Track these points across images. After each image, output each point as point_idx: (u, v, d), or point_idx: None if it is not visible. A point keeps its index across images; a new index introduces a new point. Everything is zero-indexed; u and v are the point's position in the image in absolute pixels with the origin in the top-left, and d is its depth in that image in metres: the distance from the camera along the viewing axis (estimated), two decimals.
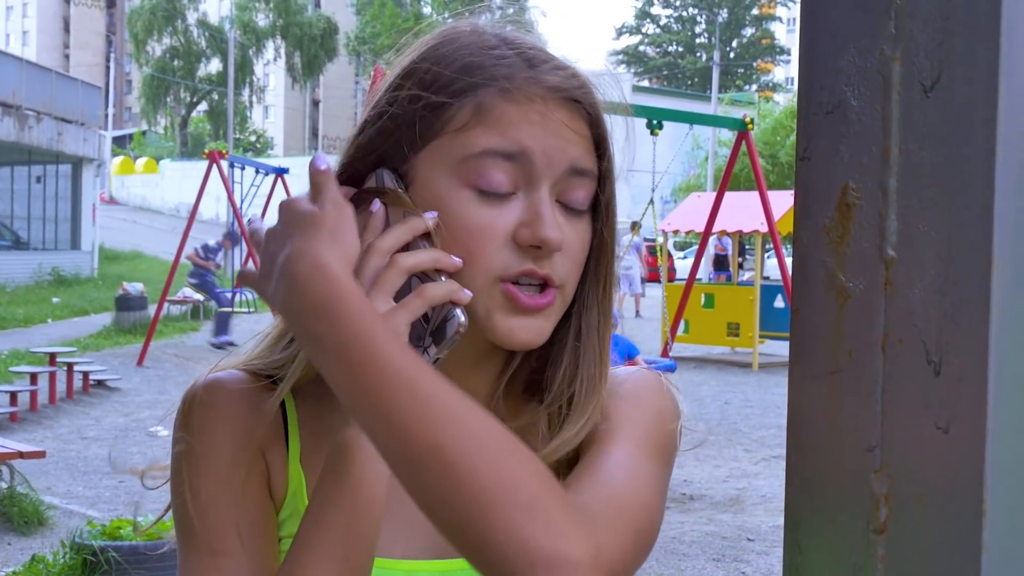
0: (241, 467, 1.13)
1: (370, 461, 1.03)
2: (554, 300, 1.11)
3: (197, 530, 1.12)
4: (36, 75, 32.64)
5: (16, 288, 27.52)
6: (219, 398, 1.16)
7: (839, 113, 0.75)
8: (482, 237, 1.08)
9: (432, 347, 1.06)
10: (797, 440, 0.77)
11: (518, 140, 1.09)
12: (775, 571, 7.07)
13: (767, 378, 16.03)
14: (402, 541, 1.14)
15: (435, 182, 1.10)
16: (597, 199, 1.17)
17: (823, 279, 0.76)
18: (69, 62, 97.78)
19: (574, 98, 1.13)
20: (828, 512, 0.75)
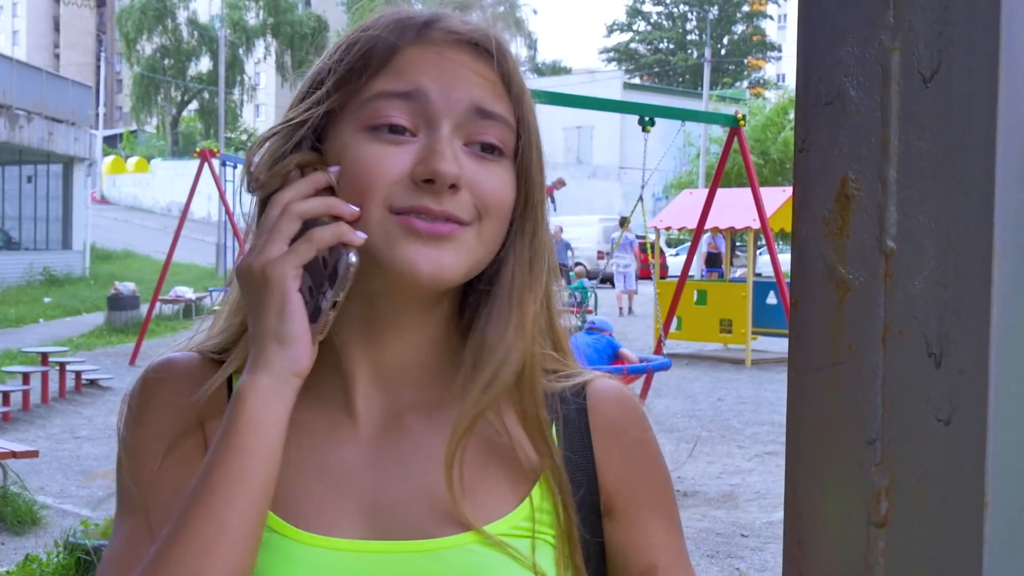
0: (179, 443, 1.15)
1: (260, 407, 1.03)
2: (457, 231, 1.09)
3: (132, 492, 1.14)
4: (26, 75, 32.56)
5: (7, 288, 27.47)
6: (168, 375, 1.19)
7: (838, 104, 0.74)
8: (374, 173, 1.08)
9: (328, 291, 1.07)
10: (797, 434, 0.77)
11: (414, 79, 1.10)
12: (769, 566, 7.07)
13: (760, 374, 16.04)
14: (347, 521, 1.13)
15: (341, 135, 1.12)
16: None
17: (822, 271, 0.75)
18: (59, 62, 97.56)
19: (477, 42, 1.14)
20: (828, 506, 0.75)
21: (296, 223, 1.07)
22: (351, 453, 1.16)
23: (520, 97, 1.16)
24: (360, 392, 1.17)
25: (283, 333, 1.04)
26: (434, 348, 1.18)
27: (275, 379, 1.04)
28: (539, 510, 1.15)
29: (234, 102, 74.68)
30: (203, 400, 1.15)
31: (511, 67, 1.15)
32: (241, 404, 1.03)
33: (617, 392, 1.26)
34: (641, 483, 1.24)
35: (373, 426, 1.17)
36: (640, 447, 1.25)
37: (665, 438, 11.13)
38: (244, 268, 1.07)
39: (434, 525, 1.12)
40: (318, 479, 1.14)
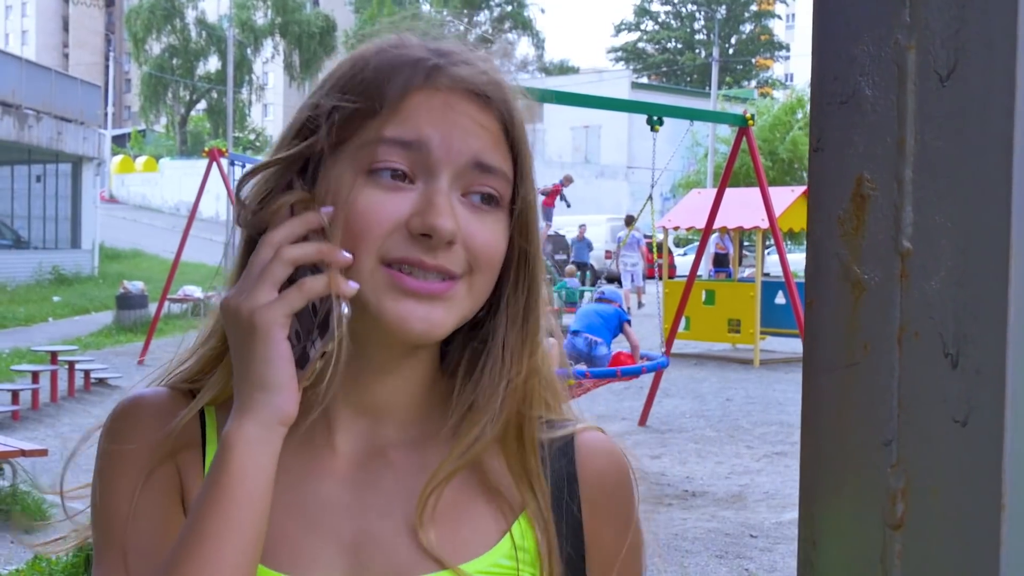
0: (153, 481, 1.13)
1: (248, 456, 1.02)
2: (451, 290, 1.08)
3: (105, 538, 1.13)
4: (35, 74, 32.61)
5: (17, 287, 27.51)
6: (139, 412, 1.17)
7: (853, 103, 0.74)
8: (369, 218, 1.06)
9: (318, 340, 1.05)
10: (811, 434, 0.76)
11: (416, 127, 1.08)
12: (779, 567, 7.06)
13: (768, 374, 16.02)
14: (323, 560, 1.11)
15: (337, 175, 1.09)
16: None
17: (837, 271, 0.75)
18: (68, 61, 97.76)
19: (483, 92, 1.12)
20: (844, 507, 0.74)
21: (288, 269, 1.05)
22: (330, 489, 1.15)
23: (520, 150, 1.14)
24: (342, 429, 1.16)
25: (269, 381, 1.02)
26: (419, 389, 1.18)
27: (262, 427, 1.02)
28: (520, 548, 1.14)
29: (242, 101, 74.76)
30: (174, 433, 1.13)
31: (516, 121, 1.14)
32: (229, 453, 1.02)
33: (608, 452, 1.24)
34: (619, 545, 1.24)
35: (354, 462, 1.16)
36: (624, 510, 1.25)
37: (674, 438, 11.13)
38: (231, 309, 1.05)
39: (413, 563, 1.11)
40: (293, 517, 1.13)
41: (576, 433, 1.23)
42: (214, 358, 1.16)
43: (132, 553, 1.09)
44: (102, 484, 1.15)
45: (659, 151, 11.43)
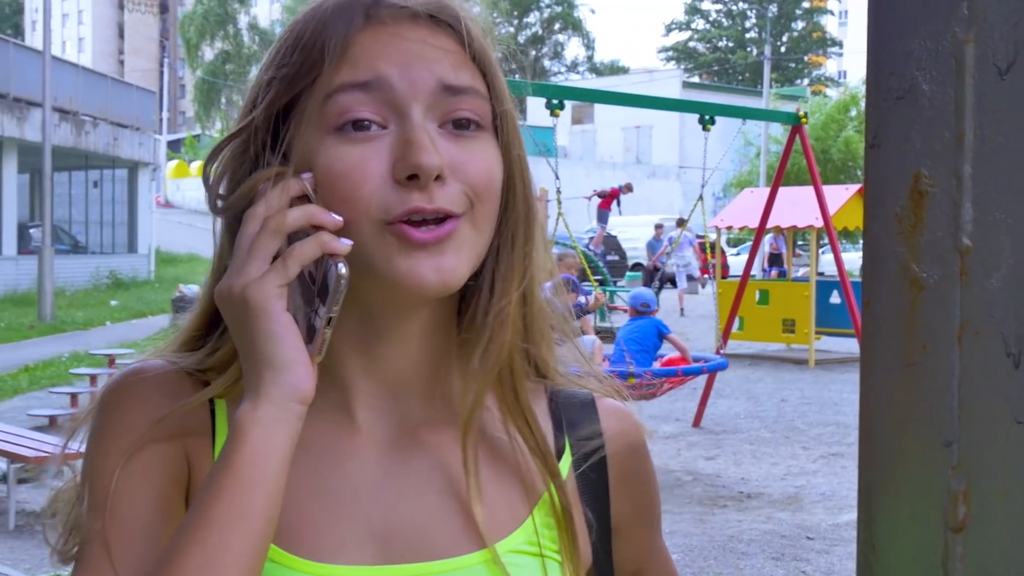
0: (154, 459, 1.05)
1: (261, 439, 0.96)
2: (455, 229, 1.01)
3: (97, 515, 1.04)
4: (92, 81, 33.02)
5: (76, 291, 27.86)
6: (138, 384, 1.10)
7: (910, 98, 0.73)
8: (352, 178, 1.00)
9: (321, 308, 0.99)
10: (870, 436, 0.75)
11: (372, 67, 1.02)
12: (836, 570, 7.00)
13: (824, 375, 15.89)
14: (352, 545, 1.06)
15: (305, 139, 1.03)
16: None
17: (895, 270, 0.73)
18: (124, 68, 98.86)
19: (430, 14, 1.05)
20: (903, 510, 0.73)
21: (277, 240, 0.99)
22: (357, 471, 1.10)
23: (487, 64, 1.07)
24: (362, 407, 1.11)
25: (277, 359, 0.97)
26: (436, 357, 1.12)
27: (276, 407, 0.97)
28: (542, 525, 1.11)
29: None
30: (177, 416, 1.07)
31: (473, 32, 1.06)
32: (241, 435, 0.96)
33: (629, 417, 1.22)
34: (642, 503, 1.23)
35: (383, 443, 1.11)
36: (645, 471, 1.24)
37: (728, 439, 11.07)
38: (223, 291, 0.99)
39: (449, 544, 1.07)
40: (317, 500, 1.08)
41: (596, 398, 1.21)
42: (231, 351, 1.08)
43: (122, 534, 1.02)
44: (96, 456, 1.07)
45: (711, 150, 11.37)
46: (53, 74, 24.02)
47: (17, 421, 11.19)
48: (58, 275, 24.10)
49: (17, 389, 13.99)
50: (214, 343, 1.12)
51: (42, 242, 22.77)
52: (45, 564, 7.12)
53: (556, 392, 1.19)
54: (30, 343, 18.98)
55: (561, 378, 1.20)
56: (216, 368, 1.10)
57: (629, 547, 1.22)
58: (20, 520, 8.01)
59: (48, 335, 20.12)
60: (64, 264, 27.71)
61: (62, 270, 26.31)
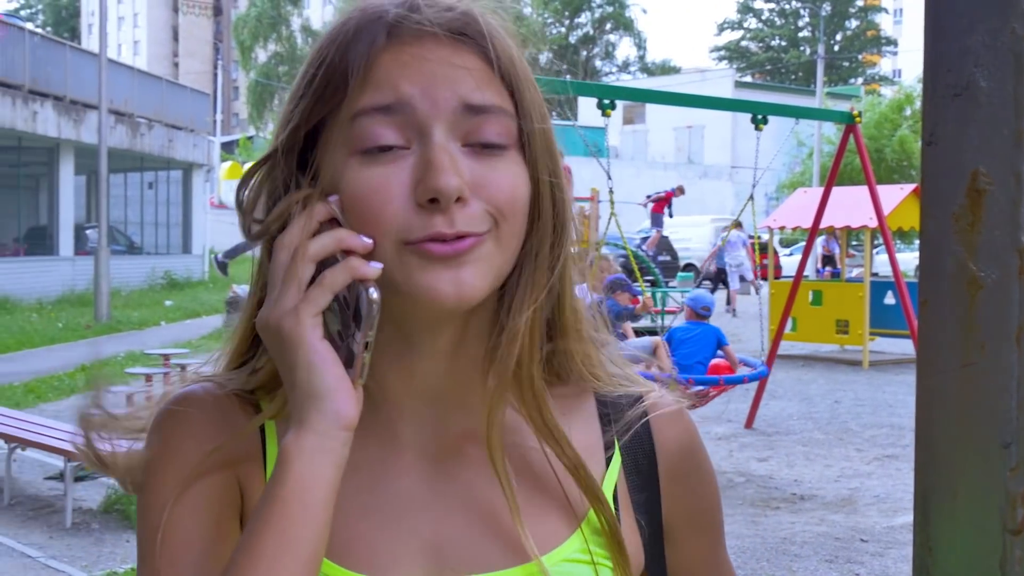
0: (206, 486, 1.07)
1: (307, 469, 0.96)
2: (475, 244, 1.01)
3: (151, 545, 1.05)
4: (147, 84, 33.38)
5: (131, 292, 28.17)
6: (188, 412, 1.11)
7: (968, 95, 0.72)
8: (375, 200, 1.00)
9: (357, 333, 0.99)
10: (926, 437, 0.74)
11: (394, 88, 1.01)
12: (891, 573, 6.94)
13: (878, 376, 15.76)
14: (405, 559, 1.07)
15: (332, 161, 1.03)
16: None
17: (953, 269, 0.72)
18: (178, 70, 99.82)
19: (454, 31, 1.03)
20: (961, 512, 0.72)
21: (309, 267, 1.00)
22: (405, 487, 1.10)
23: (514, 80, 1.05)
24: (406, 424, 1.12)
25: (318, 388, 0.98)
26: (476, 367, 1.10)
27: (320, 436, 0.97)
28: (591, 541, 1.11)
29: None
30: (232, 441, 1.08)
31: (500, 51, 1.05)
32: (286, 465, 0.97)
33: (680, 416, 1.21)
34: (698, 507, 1.22)
35: (428, 458, 1.12)
36: (701, 472, 1.22)
37: (781, 440, 11.00)
38: (263, 322, 1.01)
39: (498, 557, 1.07)
40: (369, 517, 1.08)
41: (644, 396, 1.19)
42: (274, 370, 1.08)
43: (173, 567, 1.03)
44: (148, 487, 1.08)
45: (763, 150, 11.30)
46: (109, 77, 24.29)
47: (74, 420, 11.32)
48: (114, 275, 24.37)
49: (74, 388, 14.16)
50: (256, 362, 1.13)
51: (98, 243, 23.03)
52: (102, 561, 7.20)
53: (604, 393, 1.19)
54: (86, 343, 19.20)
55: (610, 379, 1.19)
56: (263, 387, 1.12)
57: (684, 555, 1.21)
58: (76, 518, 8.10)
59: (104, 335, 20.36)
60: (120, 265, 28.02)
61: (118, 270, 26.60)
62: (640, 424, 1.18)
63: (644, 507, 1.17)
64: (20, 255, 27.50)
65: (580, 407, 1.17)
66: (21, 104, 25.55)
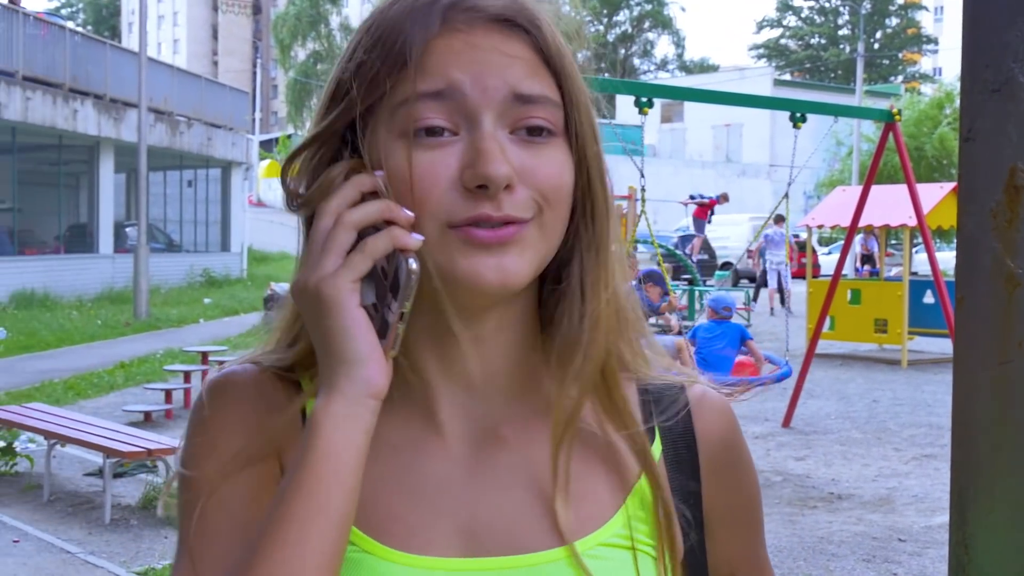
0: (246, 462, 1.08)
1: (336, 434, 0.98)
2: (519, 231, 1.02)
3: (192, 518, 1.07)
4: (186, 82, 33.59)
5: (170, 289, 28.36)
6: (230, 392, 1.13)
7: (1006, 91, 0.71)
8: (422, 183, 1.01)
9: (393, 303, 1.00)
10: (963, 435, 0.74)
11: (445, 75, 1.02)
12: (928, 572, 6.89)
13: (917, 375, 15.65)
14: (440, 538, 1.08)
15: (377, 141, 1.04)
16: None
17: (990, 266, 0.72)
18: (217, 68, 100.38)
19: (506, 18, 1.05)
20: (997, 511, 0.72)
21: (351, 234, 1.00)
22: (443, 469, 1.11)
23: (562, 69, 1.06)
24: (444, 405, 1.12)
25: (351, 353, 0.99)
26: (516, 353, 1.12)
27: (350, 403, 0.99)
28: (635, 519, 1.11)
29: None
30: (275, 425, 1.09)
31: (547, 38, 1.06)
32: (316, 431, 0.98)
33: (723, 407, 1.21)
34: (737, 501, 1.22)
35: (466, 440, 1.12)
36: (741, 465, 1.22)
37: (819, 440, 10.95)
38: (298, 286, 1.01)
39: (534, 539, 1.08)
40: (408, 495, 1.09)
41: (686, 386, 1.20)
42: (310, 345, 1.08)
43: (217, 539, 1.05)
44: (195, 460, 1.10)
45: (802, 149, 11.25)
46: (148, 75, 24.46)
47: (113, 417, 11.43)
48: (153, 273, 24.55)
49: (113, 385, 14.29)
50: (293, 337, 1.14)
51: (138, 241, 23.19)
52: (140, 557, 7.26)
53: (647, 383, 1.19)
54: (126, 340, 19.35)
55: (652, 368, 1.19)
56: (299, 364, 1.13)
57: (724, 548, 1.20)
58: (115, 514, 8.17)
59: (143, 332, 20.51)
60: (159, 262, 28.22)
61: (157, 268, 26.79)
62: (682, 413, 1.18)
63: (684, 496, 1.16)
64: (60, 252, 27.73)
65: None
66: (62, 102, 25.77)
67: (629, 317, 1.16)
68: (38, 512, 8.39)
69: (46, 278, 25.04)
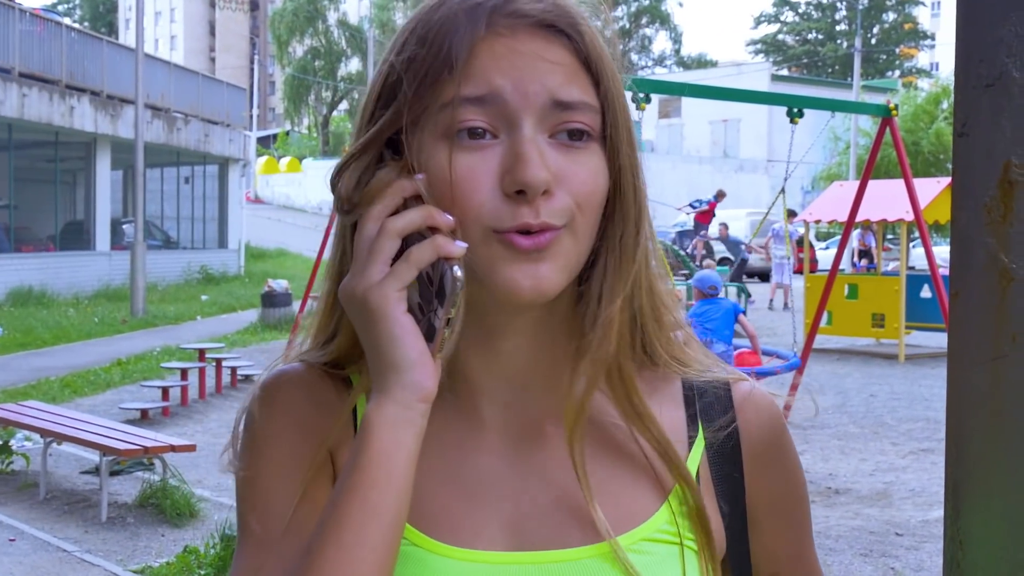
0: (302, 462, 1.12)
1: (388, 437, 1.01)
2: (555, 238, 1.04)
3: (250, 520, 1.12)
4: (183, 78, 33.54)
5: (167, 286, 28.35)
6: (287, 387, 1.17)
7: (1000, 86, 0.71)
8: (464, 187, 1.03)
9: (440, 309, 1.02)
10: (957, 430, 0.74)
11: (487, 80, 1.04)
12: (926, 566, 6.90)
13: (914, 370, 15.67)
14: (487, 532, 1.10)
15: (422, 143, 1.06)
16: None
17: (984, 261, 0.72)
18: (215, 65, 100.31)
19: (548, 23, 1.06)
20: (991, 506, 0.72)
21: (396, 242, 1.03)
22: (488, 463, 1.14)
23: (601, 75, 1.08)
24: (486, 402, 1.15)
25: (399, 359, 1.01)
26: (554, 353, 1.14)
27: (401, 407, 1.01)
28: (679, 514, 1.13)
29: None
30: (327, 424, 1.13)
31: (589, 45, 1.08)
32: (368, 435, 1.01)
33: (768, 404, 1.23)
34: (781, 496, 1.23)
35: (510, 436, 1.15)
36: (786, 462, 1.24)
37: (816, 434, 10.95)
38: (347, 293, 1.04)
39: (578, 534, 1.10)
40: (454, 490, 1.12)
41: (730, 383, 1.21)
42: (351, 336, 1.13)
43: (276, 538, 1.09)
44: (251, 461, 1.14)
45: (799, 144, 11.25)
46: (145, 72, 24.45)
47: (110, 414, 11.43)
48: (150, 270, 24.53)
49: (110, 383, 14.28)
50: (331, 331, 1.18)
51: (134, 237, 23.17)
52: (137, 555, 7.26)
53: (690, 378, 1.20)
54: (122, 337, 19.34)
55: (695, 364, 1.21)
56: (346, 356, 1.17)
57: (767, 545, 1.21)
58: (112, 512, 8.17)
59: (140, 329, 20.50)
60: (156, 259, 28.20)
61: (154, 265, 26.78)
62: (725, 409, 1.20)
63: (727, 491, 1.18)
64: (57, 250, 27.71)
65: (665, 389, 1.19)
66: (58, 99, 25.75)
67: (665, 318, 1.18)
68: (34, 510, 8.39)
69: (42, 275, 25.01)
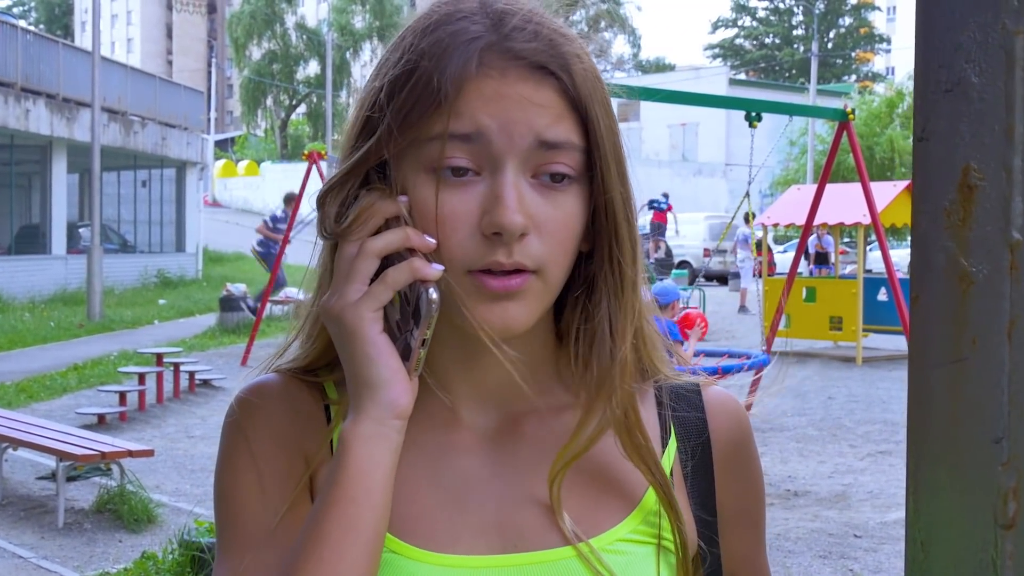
0: (281, 475, 1.13)
1: (364, 454, 1.03)
2: (525, 283, 1.05)
3: (230, 529, 1.12)
4: (140, 81, 33.32)
5: (124, 290, 28.13)
6: (261, 405, 1.17)
7: (959, 91, 0.72)
8: (445, 225, 1.05)
9: (415, 329, 1.05)
10: (918, 432, 0.74)
11: (474, 119, 1.04)
12: (884, 568, 6.95)
13: (871, 372, 15.78)
14: (466, 536, 1.11)
15: (403, 171, 1.07)
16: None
17: (944, 265, 0.72)
18: (172, 68, 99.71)
19: (539, 65, 1.06)
20: (953, 507, 0.72)
21: (374, 262, 1.05)
22: (467, 466, 1.15)
23: (588, 111, 1.08)
24: (466, 407, 1.16)
25: (373, 378, 1.03)
26: (535, 363, 1.15)
27: (377, 423, 1.03)
28: (655, 514, 1.14)
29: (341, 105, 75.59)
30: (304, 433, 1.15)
31: (580, 86, 1.07)
32: (346, 452, 1.03)
33: (735, 407, 1.25)
34: (745, 497, 1.25)
35: (487, 438, 1.16)
36: (751, 465, 1.26)
37: (775, 437, 11.01)
38: (326, 312, 1.06)
39: (557, 535, 1.11)
40: (433, 493, 1.13)
41: (702, 388, 1.23)
42: (326, 342, 1.15)
43: (255, 554, 1.09)
44: (229, 473, 1.14)
45: (758, 148, 11.32)
46: (102, 74, 24.24)
47: (66, 419, 11.32)
48: (107, 274, 24.34)
49: (66, 388, 14.14)
50: (310, 335, 1.19)
51: (91, 241, 22.97)
52: (94, 561, 7.20)
53: (662, 383, 1.22)
54: (79, 342, 19.17)
55: (668, 369, 1.23)
56: (319, 362, 1.18)
57: (731, 547, 1.23)
58: (69, 518, 8.09)
59: (97, 334, 20.32)
60: (113, 263, 27.98)
61: (111, 269, 26.57)
62: (696, 413, 1.22)
63: (698, 492, 1.20)
64: (12, 254, 27.44)
65: (639, 394, 1.19)
66: (13, 102, 25.51)
67: (647, 329, 1.19)
68: None
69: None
